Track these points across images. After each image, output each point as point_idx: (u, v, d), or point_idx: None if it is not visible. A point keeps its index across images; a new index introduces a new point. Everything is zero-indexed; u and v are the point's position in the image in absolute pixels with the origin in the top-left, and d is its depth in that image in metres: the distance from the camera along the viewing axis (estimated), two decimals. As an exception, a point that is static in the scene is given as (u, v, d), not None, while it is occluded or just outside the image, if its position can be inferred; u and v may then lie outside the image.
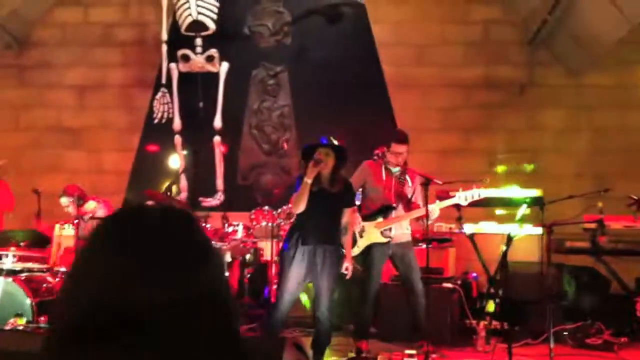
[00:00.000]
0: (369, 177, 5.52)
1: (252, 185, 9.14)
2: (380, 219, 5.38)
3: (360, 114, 8.92)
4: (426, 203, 4.97)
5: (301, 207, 4.60)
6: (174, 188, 8.81)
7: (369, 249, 5.37)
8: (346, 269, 4.77)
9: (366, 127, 8.83)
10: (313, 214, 4.61)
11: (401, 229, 5.45)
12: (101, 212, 6.73)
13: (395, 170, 5.48)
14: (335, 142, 4.78)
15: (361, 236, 5.39)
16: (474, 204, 6.77)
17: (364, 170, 5.57)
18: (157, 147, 9.10)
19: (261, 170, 9.17)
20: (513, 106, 8.91)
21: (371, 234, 5.37)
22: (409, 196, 5.45)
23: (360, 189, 5.57)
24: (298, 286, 4.66)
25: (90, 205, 6.81)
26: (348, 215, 4.83)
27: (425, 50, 9.17)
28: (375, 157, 5.37)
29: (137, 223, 1.09)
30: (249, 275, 7.07)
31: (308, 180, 4.53)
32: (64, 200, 6.75)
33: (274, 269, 7.06)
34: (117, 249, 1.04)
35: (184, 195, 8.94)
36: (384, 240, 5.36)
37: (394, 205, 5.44)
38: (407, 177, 5.49)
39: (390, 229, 5.38)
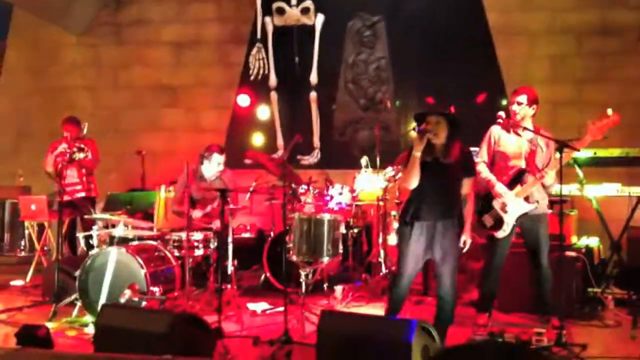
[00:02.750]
0: (499, 142, 5.08)
1: (349, 141, 8.90)
2: (518, 187, 4.96)
3: (462, 65, 8.46)
4: (561, 169, 4.54)
5: (413, 183, 4.29)
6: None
7: (500, 220, 4.99)
8: (464, 243, 4.45)
9: (469, 79, 8.40)
10: (429, 187, 4.29)
11: (532, 198, 5.01)
12: None
13: (527, 133, 5.02)
14: (451, 109, 4.37)
15: (505, 211, 4.95)
16: (593, 163, 6.35)
17: (493, 134, 5.12)
18: (249, 105, 8.93)
19: (358, 125, 8.90)
20: (631, 54, 8.24)
21: (515, 206, 4.93)
22: (543, 163, 4.96)
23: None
24: (416, 264, 4.39)
25: None
26: (468, 186, 4.48)
27: (533, -6, 8.55)
28: (500, 120, 4.96)
29: None
30: (352, 238, 6.88)
31: (416, 153, 4.21)
32: (221, 159, 6.25)
33: (377, 231, 6.89)
34: None
35: (281, 154, 8.83)
36: (532, 207, 4.93)
37: (527, 170, 4.99)
38: (540, 142, 5.00)
39: (533, 194, 4.94)
